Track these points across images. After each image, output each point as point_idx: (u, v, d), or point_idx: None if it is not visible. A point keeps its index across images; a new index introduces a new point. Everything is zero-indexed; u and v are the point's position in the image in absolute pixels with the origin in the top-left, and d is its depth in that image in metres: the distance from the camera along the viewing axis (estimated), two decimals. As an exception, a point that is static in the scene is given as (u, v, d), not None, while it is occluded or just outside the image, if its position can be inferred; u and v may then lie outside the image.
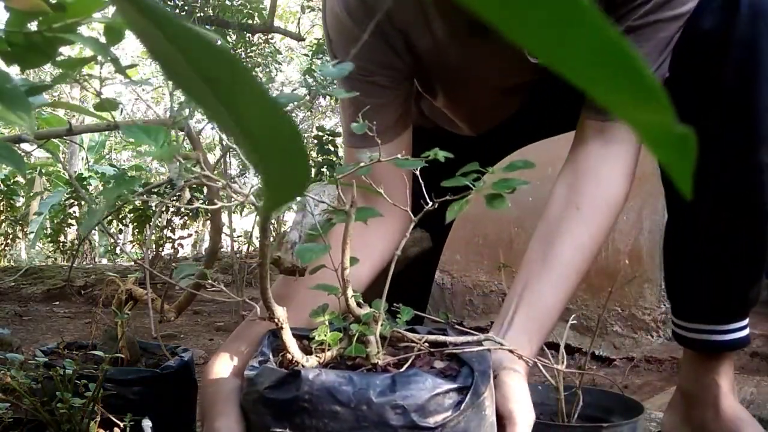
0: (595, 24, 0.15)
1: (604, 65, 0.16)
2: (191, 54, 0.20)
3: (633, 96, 0.17)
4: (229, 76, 0.20)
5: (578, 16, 0.15)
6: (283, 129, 0.21)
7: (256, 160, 0.22)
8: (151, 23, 0.20)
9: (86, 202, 4.19)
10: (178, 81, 0.22)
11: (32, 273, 3.90)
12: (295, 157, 0.22)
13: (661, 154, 0.18)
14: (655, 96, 0.16)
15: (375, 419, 0.61)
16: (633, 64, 0.16)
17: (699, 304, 1.04)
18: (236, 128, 0.21)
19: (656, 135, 0.17)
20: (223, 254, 3.90)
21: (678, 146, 0.17)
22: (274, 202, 0.24)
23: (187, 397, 1.05)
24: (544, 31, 0.16)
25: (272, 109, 0.20)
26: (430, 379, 0.64)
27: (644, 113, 0.17)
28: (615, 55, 0.16)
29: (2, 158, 0.55)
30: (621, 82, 0.16)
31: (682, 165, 0.18)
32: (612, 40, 0.16)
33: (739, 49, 0.91)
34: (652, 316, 2.24)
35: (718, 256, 1.01)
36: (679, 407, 1.09)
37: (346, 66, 0.66)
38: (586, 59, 0.16)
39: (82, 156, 8.61)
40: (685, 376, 1.08)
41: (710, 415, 1.02)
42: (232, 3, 4.85)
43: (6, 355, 0.85)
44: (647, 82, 0.16)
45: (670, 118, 0.17)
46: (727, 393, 1.02)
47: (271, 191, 0.24)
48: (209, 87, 0.20)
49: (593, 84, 0.17)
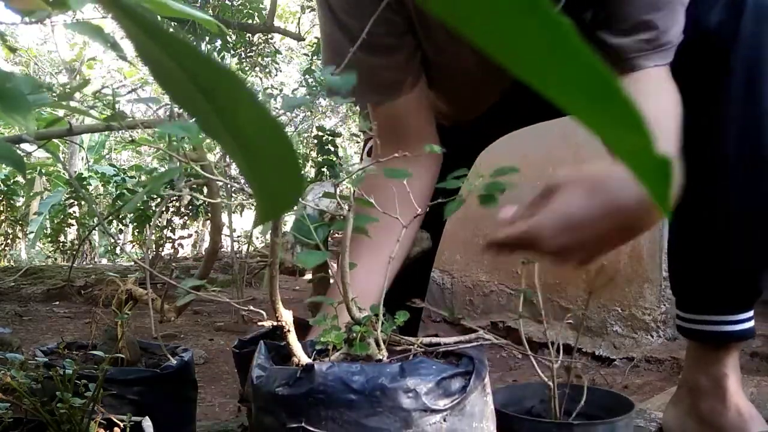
0: (577, 50, 0.16)
1: (586, 90, 0.16)
2: (188, 66, 0.20)
3: (614, 121, 0.17)
4: (225, 88, 0.20)
5: (560, 40, 0.16)
6: (278, 141, 0.21)
7: (250, 171, 0.22)
8: (148, 36, 0.20)
9: (86, 202, 4.19)
10: (173, 92, 0.22)
11: (32, 273, 3.90)
12: (289, 169, 0.22)
13: (643, 179, 0.18)
14: (636, 122, 0.17)
15: (389, 404, 0.64)
16: (614, 90, 0.16)
17: (706, 295, 1.05)
18: (231, 140, 0.21)
19: (637, 159, 0.18)
20: (223, 254, 3.90)
21: (658, 171, 0.18)
22: (267, 214, 0.24)
23: (187, 397, 1.05)
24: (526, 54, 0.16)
25: (267, 121, 0.20)
26: (435, 365, 0.68)
27: (623, 136, 0.17)
28: (596, 81, 0.16)
29: (2, 158, 0.55)
30: (602, 107, 0.17)
31: (661, 189, 0.18)
32: (593, 67, 0.16)
33: (744, 48, 0.92)
34: (652, 316, 2.24)
35: (727, 246, 1.01)
36: (683, 402, 1.09)
37: (350, 78, 0.66)
38: (568, 84, 0.16)
39: (82, 156, 8.61)
40: (692, 370, 1.08)
41: (719, 408, 1.02)
42: (232, 3, 4.85)
43: (6, 355, 0.85)
44: (627, 108, 0.17)
45: (650, 144, 0.17)
46: (736, 386, 1.03)
47: (264, 202, 0.24)
48: (205, 98, 0.20)
49: (575, 107, 0.17)
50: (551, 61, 0.16)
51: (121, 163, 9.33)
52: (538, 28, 0.15)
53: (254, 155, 0.21)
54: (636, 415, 1.22)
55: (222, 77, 0.20)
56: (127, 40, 0.21)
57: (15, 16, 0.59)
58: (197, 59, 0.20)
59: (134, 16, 0.20)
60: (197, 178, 0.83)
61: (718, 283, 1.03)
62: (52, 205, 5.82)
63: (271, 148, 0.21)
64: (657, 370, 2.12)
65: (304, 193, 0.78)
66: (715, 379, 1.03)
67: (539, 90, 0.17)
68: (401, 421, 0.64)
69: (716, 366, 1.04)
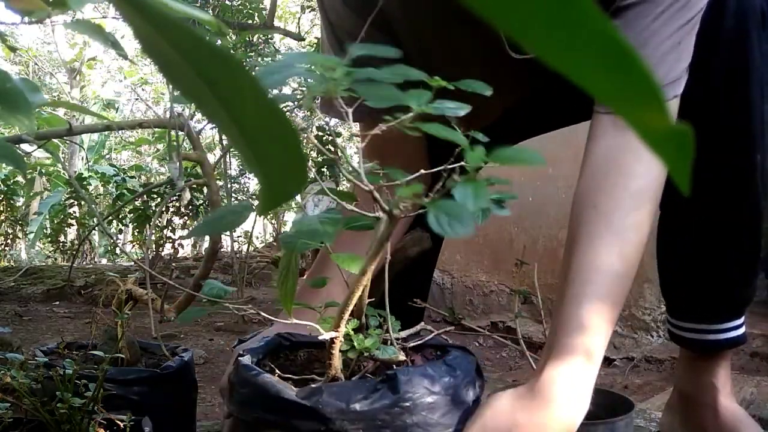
0: (596, 23, 0.15)
1: (604, 64, 0.16)
2: (191, 55, 0.20)
3: (631, 95, 0.17)
4: (229, 77, 0.20)
5: (579, 15, 0.15)
6: (282, 129, 0.21)
7: (254, 159, 0.22)
8: (151, 25, 0.20)
9: (86, 202, 4.19)
10: (177, 82, 0.22)
11: (32, 273, 3.90)
12: (293, 157, 0.22)
13: (659, 152, 0.18)
14: (654, 95, 0.17)
15: (458, 400, 0.70)
16: (633, 63, 0.16)
17: (693, 304, 1.04)
18: (235, 128, 0.21)
19: (654, 133, 0.17)
20: (223, 254, 3.90)
21: (676, 145, 0.18)
22: (272, 201, 0.25)
23: (187, 397, 1.05)
24: (544, 29, 0.16)
25: (271, 109, 0.20)
26: (469, 358, 0.76)
27: (642, 112, 0.17)
28: (614, 54, 0.16)
29: (2, 158, 0.55)
30: (619, 80, 0.16)
31: (679, 163, 0.18)
32: (612, 39, 0.16)
33: (726, 47, 0.92)
34: (652, 316, 2.24)
35: (712, 255, 1.01)
36: (677, 408, 1.09)
37: None
38: (586, 58, 0.16)
39: (82, 156, 8.61)
40: (682, 376, 1.08)
41: (709, 417, 1.02)
42: (232, 3, 4.85)
43: (6, 355, 0.85)
44: (646, 81, 0.16)
45: (666, 116, 0.17)
46: (725, 394, 1.02)
47: (268, 190, 0.24)
48: (209, 88, 0.20)
49: (592, 82, 0.17)
50: (566, 32, 0.16)
51: (121, 163, 9.34)
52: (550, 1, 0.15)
53: (258, 143, 0.21)
54: (636, 415, 1.22)
55: (225, 66, 0.20)
56: (129, 34, 0.21)
57: (15, 16, 0.59)
58: (201, 48, 0.20)
59: (136, 4, 0.20)
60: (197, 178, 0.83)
61: (707, 292, 1.02)
62: (52, 205, 5.82)
63: (274, 136, 0.21)
64: (657, 370, 2.12)
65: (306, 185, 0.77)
66: (703, 387, 1.03)
67: (551, 62, 0.17)
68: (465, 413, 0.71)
69: (704, 374, 1.03)
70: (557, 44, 0.16)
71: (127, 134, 8.59)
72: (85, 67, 11.01)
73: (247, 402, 0.70)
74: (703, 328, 1.02)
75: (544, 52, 0.16)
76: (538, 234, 2.53)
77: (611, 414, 0.93)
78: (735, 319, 1.02)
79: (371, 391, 0.66)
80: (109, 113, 9.82)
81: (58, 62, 11.70)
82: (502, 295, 2.68)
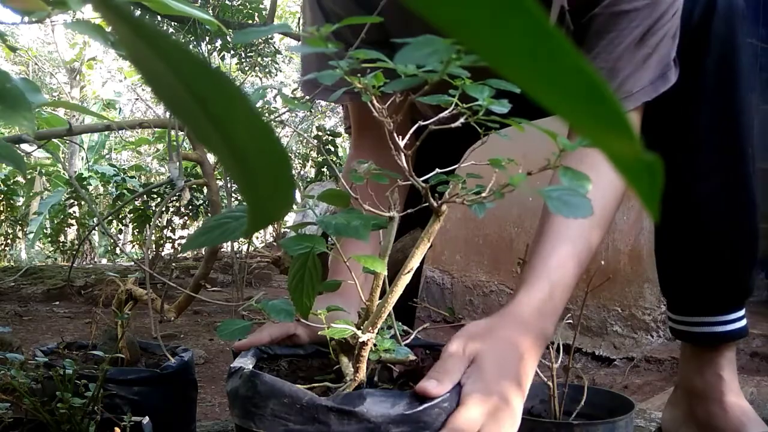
0: (570, 58, 0.16)
1: (573, 92, 0.17)
2: (182, 72, 0.20)
3: (601, 123, 0.17)
4: (220, 96, 0.20)
5: (554, 49, 0.16)
6: (272, 150, 0.21)
7: (243, 180, 0.22)
8: (143, 41, 0.20)
9: (86, 202, 4.19)
10: (167, 99, 0.22)
11: (32, 273, 3.90)
12: (282, 179, 0.22)
13: (629, 180, 0.18)
14: (622, 124, 0.17)
15: None
16: (602, 94, 0.17)
17: (695, 297, 1.05)
18: (224, 148, 0.21)
19: (624, 162, 0.18)
20: (223, 254, 3.90)
21: (645, 173, 0.18)
22: (259, 222, 0.24)
23: (187, 397, 1.05)
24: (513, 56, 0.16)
25: (262, 130, 0.20)
26: None
27: (613, 141, 0.17)
28: (583, 83, 0.17)
29: (2, 158, 0.55)
30: (589, 109, 0.17)
31: (649, 191, 0.18)
32: (585, 73, 0.16)
33: (718, 48, 0.95)
34: (652, 316, 2.24)
35: (711, 247, 1.02)
36: (680, 404, 1.09)
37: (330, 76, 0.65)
38: (556, 86, 0.17)
39: (82, 156, 8.61)
40: (687, 372, 1.08)
41: (716, 411, 1.02)
42: (232, 3, 4.85)
43: (6, 355, 0.85)
44: (614, 110, 0.17)
45: (636, 146, 0.17)
46: (732, 388, 1.03)
47: (256, 211, 0.24)
48: (199, 106, 0.20)
49: (567, 112, 0.17)
50: (538, 64, 0.16)
51: (121, 163, 9.34)
52: (523, 30, 0.16)
53: (247, 164, 0.21)
54: (636, 415, 1.22)
55: (217, 84, 0.20)
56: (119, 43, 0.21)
57: (15, 16, 0.59)
58: (192, 65, 0.19)
59: (127, 18, 0.19)
60: (197, 178, 0.83)
61: (706, 284, 1.04)
62: (52, 205, 5.82)
63: (264, 158, 0.21)
64: (657, 370, 2.12)
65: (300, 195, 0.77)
66: (710, 381, 1.04)
67: (528, 92, 0.17)
68: None
69: (710, 368, 1.04)
70: (533, 75, 0.17)
71: (127, 134, 8.59)
72: (85, 67, 11.01)
73: (275, 415, 0.65)
74: (707, 320, 1.03)
75: (521, 80, 0.17)
76: (538, 234, 2.53)
77: (611, 414, 0.93)
78: (737, 310, 1.04)
79: (408, 399, 0.66)
80: (109, 113, 9.82)
81: (58, 62, 11.70)
82: (502, 295, 2.67)
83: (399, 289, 0.63)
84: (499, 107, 0.56)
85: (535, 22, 0.15)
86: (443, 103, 0.57)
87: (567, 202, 0.50)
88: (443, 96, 0.57)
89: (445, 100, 0.57)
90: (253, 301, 0.78)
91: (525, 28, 0.16)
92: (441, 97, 0.57)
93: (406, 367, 0.75)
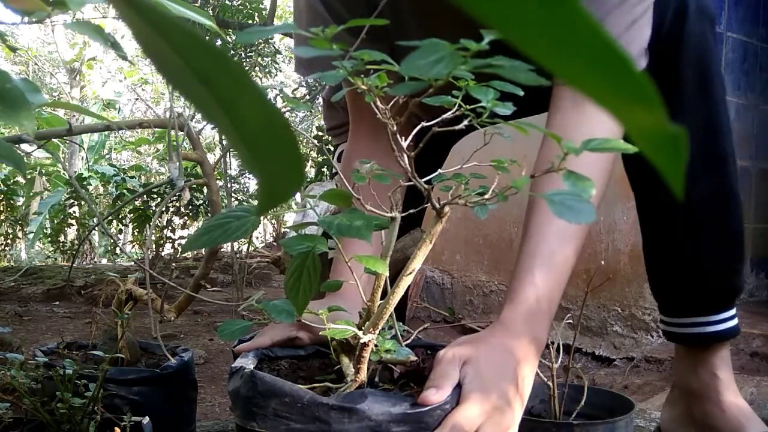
0: (588, 25, 0.16)
1: (597, 65, 0.16)
2: (189, 55, 0.20)
3: (625, 96, 0.17)
4: (227, 78, 0.20)
5: (572, 17, 0.15)
6: (279, 130, 0.21)
7: (252, 160, 0.22)
8: (149, 24, 0.20)
9: (86, 202, 4.19)
10: (175, 82, 0.22)
11: (32, 273, 3.90)
12: (291, 157, 0.22)
13: (652, 154, 0.18)
14: (648, 96, 0.17)
15: None
16: (625, 64, 0.16)
17: (687, 297, 1.06)
18: (232, 129, 0.21)
19: (648, 135, 0.17)
20: (223, 254, 3.90)
21: (669, 146, 0.17)
22: (270, 202, 0.25)
23: (187, 397, 1.05)
24: (537, 32, 0.16)
25: (269, 110, 0.20)
26: None
27: (636, 113, 0.17)
28: (607, 56, 0.16)
29: (2, 158, 0.55)
30: (613, 81, 0.16)
31: (673, 164, 0.18)
32: (604, 42, 0.16)
33: (692, 52, 0.96)
34: (652, 316, 2.24)
35: (700, 248, 1.03)
36: (678, 404, 1.09)
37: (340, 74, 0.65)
38: (579, 59, 0.16)
39: (82, 156, 8.61)
40: (682, 373, 1.08)
41: (714, 410, 1.02)
42: (232, 3, 4.86)
43: (6, 355, 0.85)
44: (639, 82, 0.16)
45: (662, 118, 0.17)
46: (728, 386, 1.03)
47: (266, 191, 0.24)
48: (207, 88, 0.20)
49: (585, 83, 0.17)
50: (557, 35, 0.16)
51: (121, 163, 9.34)
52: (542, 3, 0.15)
53: (256, 144, 0.22)
54: (636, 415, 1.22)
55: (222, 66, 0.20)
56: (128, 33, 0.21)
57: (15, 16, 0.59)
58: (199, 48, 0.20)
59: (135, 4, 0.20)
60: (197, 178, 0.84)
61: (696, 285, 1.05)
62: (52, 205, 5.82)
63: (273, 137, 0.21)
64: (657, 370, 2.12)
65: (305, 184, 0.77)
66: (706, 381, 1.04)
67: (546, 65, 0.17)
68: None
69: (705, 367, 1.04)
70: (551, 47, 0.16)
71: (127, 134, 8.60)
72: (85, 67, 11.01)
73: (276, 415, 0.65)
74: (698, 321, 1.04)
75: (538, 54, 0.16)
76: (538, 234, 2.53)
77: (611, 414, 0.93)
78: (726, 310, 1.04)
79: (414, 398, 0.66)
80: (109, 113, 9.82)
81: (58, 62, 11.70)
82: (502, 295, 2.68)
83: (401, 290, 0.63)
84: (503, 109, 0.56)
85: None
86: (447, 104, 0.57)
87: (570, 207, 0.50)
88: (447, 97, 0.57)
89: (448, 102, 0.57)
90: (253, 301, 0.78)
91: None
92: (444, 98, 0.57)
93: (407, 367, 0.75)
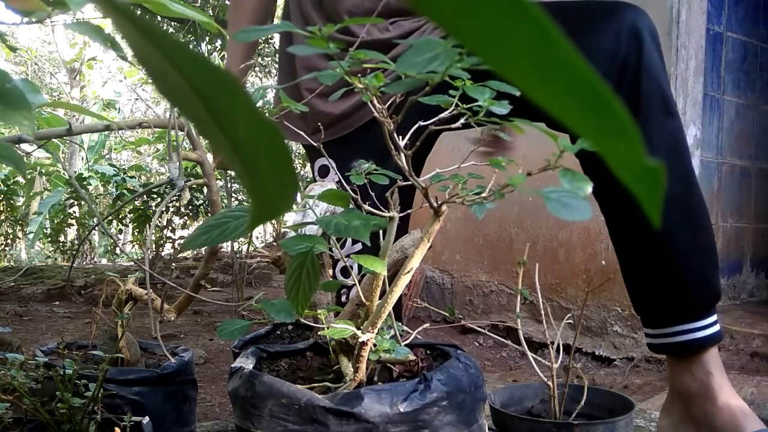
0: (568, 57, 0.16)
1: (577, 97, 0.17)
2: (186, 70, 0.20)
3: (605, 128, 0.17)
4: (222, 93, 0.20)
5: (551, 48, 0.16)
6: (274, 146, 0.21)
7: (246, 176, 0.22)
8: (147, 39, 0.20)
9: (86, 202, 4.19)
10: (171, 96, 0.22)
11: (32, 273, 3.90)
12: (285, 175, 0.22)
13: (631, 184, 0.19)
14: (626, 129, 0.17)
15: (480, 396, 0.76)
16: (606, 98, 0.17)
17: (669, 307, 1.07)
18: (227, 144, 0.22)
19: (627, 166, 0.18)
20: (223, 254, 3.90)
21: (648, 178, 0.18)
22: (262, 217, 0.25)
23: (187, 397, 1.05)
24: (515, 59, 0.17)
25: (264, 126, 0.21)
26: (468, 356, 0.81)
27: (616, 145, 0.18)
28: (587, 89, 0.17)
29: (2, 158, 0.55)
30: (594, 114, 0.17)
31: (651, 195, 0.19)
32: (584, 74, 0.16)
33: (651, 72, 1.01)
34: (652, 316, 2.24)
35: (677, 256, 1.05)
36: (674, 408, 1.09)
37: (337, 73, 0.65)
38: (559, 90, 0.17)
39: (82, 156, 8.61)
40: (677, 377, 1.09)
41: (712, 410, 1.03)
42: (232, 3, 4.86)
43: (6, 355, 0.85)
44: (618, 115, 0.17)
45: (640, 152, 0.18)
46: (724, 385, 1.04)
47: (259, 206, 0.24)
48: (202, 103, 0.21)
49: (566, 114, 0.18)
50: (541, 68, 0.16)
51: (121, 163, 9.33)
52: (527, 35, 0.16)
53: (250, 159, 0.22)
54: (636, 415, 1.22)
55: (219, 81, 0.20)
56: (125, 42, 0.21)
57: (15, 16, 0.59)
58: (194, 63, 0.20)
59: (131, 17, 0.20)
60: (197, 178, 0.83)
61: (677, 293, 1.06)
62: (52, 205, 5.81)
63: (267, 153, 0.21)
64: (657, 370, 2.12)
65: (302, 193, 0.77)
66: (702, 381, 1.05)
67: (529, 95, 0.17)
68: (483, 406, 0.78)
69: (699, 368, 1.06)
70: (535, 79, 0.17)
71: (127, 134, 8.60)
72: (85, 67, 11.01)
73: (273, 416, 0.65)
74: (682, 329, 1.06)
75: (522, 84, 0.17)
76: (538, 234, 2.53)
77: (611, 414, 0.93)
78: (707, 316, 1.06)
79: (411, 392, 0.67)
80: (109, 113, 9.82)
81: (58, 62, 11.70)
82: (502, 295, 2.68)
83: (399, 289, 0.63)
84: (499, 108, 0.56)
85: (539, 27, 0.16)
86: (444, 104, 0.57)
87: (566, 204, 0.50)
88: (444, 96, 0.57)
89: (445, 101, 0.57)
90: (253, 301, 0.78)
91: (529, 34, 0.16)
92: (441, 97, 0.57)
93: (406, 367, 0.75)
